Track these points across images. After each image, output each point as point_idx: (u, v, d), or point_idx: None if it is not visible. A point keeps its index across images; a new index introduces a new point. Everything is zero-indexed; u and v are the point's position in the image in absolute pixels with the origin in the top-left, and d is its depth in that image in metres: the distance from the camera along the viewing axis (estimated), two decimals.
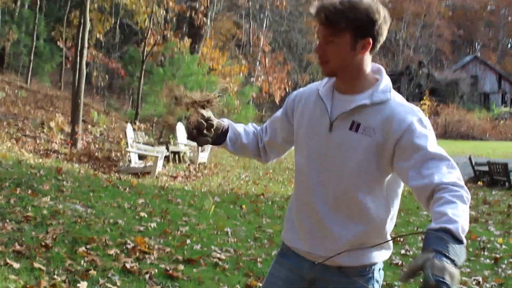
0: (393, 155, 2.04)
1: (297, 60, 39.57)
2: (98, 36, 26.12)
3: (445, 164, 1.94)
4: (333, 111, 2.16)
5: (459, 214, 1.76)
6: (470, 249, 7.10)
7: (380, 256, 2.19)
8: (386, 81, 2.15)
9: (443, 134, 36.97)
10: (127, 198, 8.17)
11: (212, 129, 2.26)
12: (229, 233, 7.00)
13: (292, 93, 2.46)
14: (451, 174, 1.91)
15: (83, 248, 5.26)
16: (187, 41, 20.40)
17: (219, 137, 2.36)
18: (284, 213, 7.30)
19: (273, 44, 36.13)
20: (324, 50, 2.09)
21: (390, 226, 2.19)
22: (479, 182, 13.79)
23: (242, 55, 30.81)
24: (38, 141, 13.29)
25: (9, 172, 8.24)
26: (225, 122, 2.40)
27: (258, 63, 32.61)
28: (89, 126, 16.59)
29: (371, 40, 2.06)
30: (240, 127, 2.46)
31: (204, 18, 20.11)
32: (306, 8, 34.26)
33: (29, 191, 7.20)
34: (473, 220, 8.91)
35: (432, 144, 1.97)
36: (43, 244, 5.22)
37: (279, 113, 2.44)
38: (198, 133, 2.25)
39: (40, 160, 10.69)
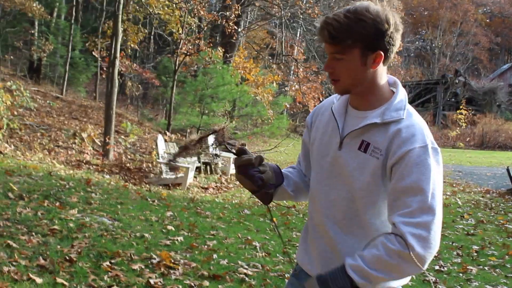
0: (390, 177, 1.93)
1: None
2: (132, 46, 26.34)
3: (419, 206, 1.81)
4: (344, 128, 2.08)
5: (366, 257, 1.83)
6: (508, 265, 6.84)
7: (396, 282, 2.03)
8: (401, 96, 2.03)
9: (480, 144, 36.32)
10: (155, 210, 8.11)
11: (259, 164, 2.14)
12: (258, 247, 6.88)
13: (312, 110, 2.35)
14: (414, 219, 1.80)
15: (108, 263, 5.20)
16: (220, 50, 20.40)
17: (277, 176, 2.23)
18: None
19: (307, 54, 35.94)
20: (333, 68, 1.98)
21: None
22: None
23: (275, 65, 30.69)
24: (70, 152, 13.36)
25: (38, 183, 8.26)
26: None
27: (291, 72, 32.49)
28: (122, 137, 16.64)
29: (382, 53, 1.94)
30: (284, 171, 2.34)
31: (236, 27, 20.06)
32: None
33: (57, 203, 7.19)
34: (511, 234, 8.64)
35: (422, 180, 1.83)
36: (67, 258, 5.17)
37: (304, 134, 2.35)
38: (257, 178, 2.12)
39: (71, 171, 10.73)
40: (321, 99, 33.61)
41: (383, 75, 2.03)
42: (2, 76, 20.87)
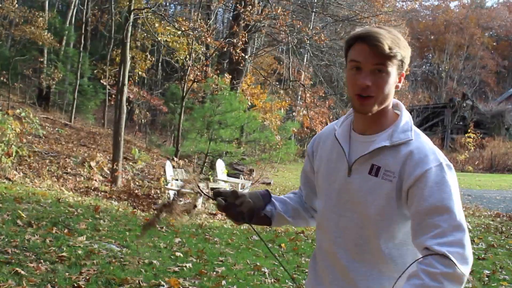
0: (406, 200, 1.92)
1: (338, 94, 39.40)
2: (140, 73, 26.53)
3: (449, 225, 1.80)
4: (351, 154, 2.05)
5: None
6: None
7: None
8: (406, 118, 2.03)
9: (489, 167, 36.12)
10: (164, 237, 8.09)
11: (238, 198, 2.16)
12: (267, 273, 6.84)
13: (312, 139, 2.35)
14: (447, 238, 1.78)
15: None
16: (227, 77, 20.50)
17: (264, 198, 2.25)
18: None
19: (314, 79, 36.06)
20: (372, 81, 1.92)
21: None
22: None
23: (283, 90, 30.80)
24: (78, 179, 13.40)
25: (47, 210, 8.27)
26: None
27: (298, 97, 32.58)
28: (130, 163, 16.68)
29: (404, 74, 2.01)
30: (281, 197, 2.36)
31: (243, 54, 20.17)
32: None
33: (66, 230, 7.18)
34: None
35: (445, 199, 1.83)
36: (76, 285, 5.17)
37: (305, 163, 2.35)
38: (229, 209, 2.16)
39: (80, 198, 10.74)
40: (328, 124, 33.66)
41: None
42: (11, 104, 21.03)
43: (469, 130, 42.36)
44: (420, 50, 64.83)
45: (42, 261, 5.73)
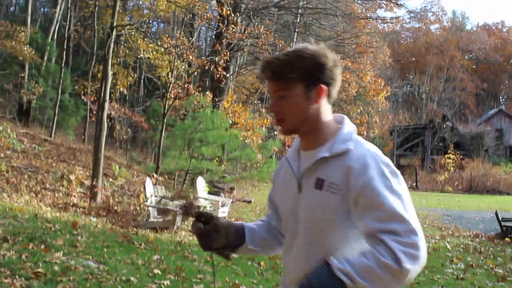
0: (354, 210, 1.92)
1: None
2: (121, 90, 26.47)
3: (403, 229, 1.81)
4: (299, 171, 2.09)
5: (356, 265, 1.79)
6: None
7: None
8: (348, 129, 2.06)
9: (469, 188, 36.32)
10: (142, 254, 8.02)
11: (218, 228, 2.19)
12: None
13: None
14: (403, 238, 1.79)
15: None
16: (209, 95, 20.50)
17: (239, 238, 2.26)
18: None
19: None
20: (279, 106, 2.03)
21: None
22: (506, 238, 13.40)
23: (264, 109, 30.88)
24: (57, 195, 13.26)
25: (23, 226, 8.17)
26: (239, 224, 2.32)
27: None
28: (110, 180, 16.58)
29: (324, 86, 2.01)
30: (252, 225, 2.38)
31: (225, 73, 20.21)
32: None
33: (42, 246, 7.08)
34: (501, 278, 8.59)
35: (394, 205, 1.83)
36: None
37: (271, 189, 2.38)
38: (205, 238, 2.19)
39: (58, 213, 10.61)
40: None
41: (327, 112, 2.07)
42: None
43: (449, 151, 42.73)
44: (401, 72, 65.54)
45: (17, 277, 5.64)
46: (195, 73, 24.42)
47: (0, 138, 12.98)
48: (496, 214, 13.92)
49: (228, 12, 19.22)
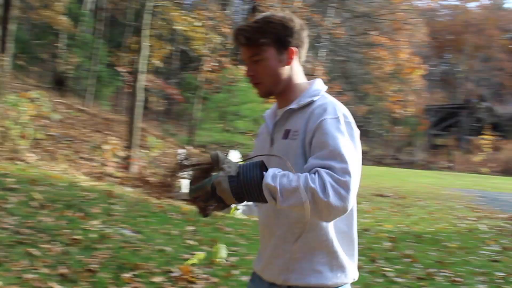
0: (308, 152, 2.02)
1: (354, 91, 39.25)
2: (156, 62, 26.49)
3: (340, 167, 1.85)
4: (272, 126, 2.24)
5: (285, 185, 1.83)
6: None
7: (331, 279, 2.07)
8: (317, 86, 2.20)
9: (505, 170, 35.82)
10: (176, 224, 8.05)
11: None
12: None
13: None
14: (336, 175, 1.83)
15: (128, 275, 5.16)
16: (243, 67, 20.42)
17: None
18: None
19: (330, 74, 35.93)
20: (254, 70, 2.17)
21: (341, 243, 2.10)
22: None
23: None
24: (93, 164, 13.39)
25: (61, 193, 8.26)
26: None
27: None
28: (144, 151, 16.66)
29: (294, 49, 2.16)
30: None
31: None
32: (364, 38, 34.07)
33: (79, 214, 7.17)
34: None
35: (338, 145, 1.90)
36: (88, 268, 5.14)
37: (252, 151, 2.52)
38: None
39: (93, 183, 10.73)
40: None
41: (299, 74, 2.23)
42: (28, 87, 21.08)
43: (485, 132, 42.07)
44: (438, 50, 64.41)
45: (55, 242, 5.71)
46: (230, 46, 24.28)
47: (35, 105, 13.06)
48: None
49: None
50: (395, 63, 35.23)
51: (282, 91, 2.19)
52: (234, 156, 15.20)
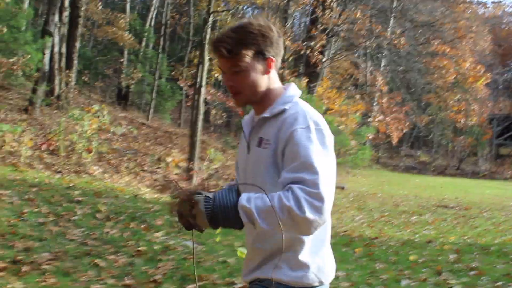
0: (281, 163, 2.02)
1: (415, 101, 38.69)
2: (216, 75, 26.79)
3: (311, 178, 1.85)
4: (248, 134, 2.27)
5: (259, 206, 1.85)
6: None
7: (291, 276, 2.09)
8: (290, 93, 2.20)
9: None
10: (238, 236, 8.09)
11: None
12: (341, 277, 6.72)
13: None
14: (309, 188, 1.84)
15: (192, 286, 5.20)
16: (303, 80, 20.41)
17: None
18: (398, 258, 6.87)
19: (391, 84, 35.52)
20: (233, 81, 2.14)
21: (304, 245, 2.10)
22: None
23: (359, 95, 30.45)
24: (154, 176, 13.61)
25: (125, 206, 8.43)
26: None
27: (375, 103, 32.13)
28: (205, 163, 16.84)
29: (273, 58, 2.15)
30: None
31: (321, 57, 20.05)
32: (425, 48, 33.57)
33: (143, 226, 7.29)
34: None
35: (309, 156, 1.90)
36: (152, 279, 5.21)
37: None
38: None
39: (156, 195, 10.90)
40: (404, 131, 33.08)
41: (275, 79, 2.23)
42: (92, 102, 21.63)
43: None
44: (502, 58, 62.83)
45: (120, 254, 5.82)
46: (290, 59, 24.34)
47: (100, 121, 13.38)
48: None
49: None
50: (457, 72, 34.58)
51: (260, 99, 2.19)
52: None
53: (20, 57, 14.80)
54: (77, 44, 19.53)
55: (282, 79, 20.39)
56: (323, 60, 22.23)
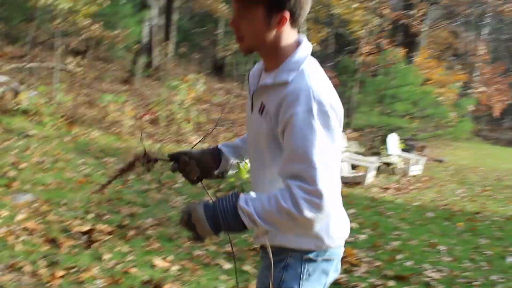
0: (282, 141, 1.90)
1: None
2: (314, 45, 26.62)
3: (307, 173, 1.76)
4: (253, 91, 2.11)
5: (257, 208, 1.79)
6: None
7: (297, 243, 2.02)
8: (300, 55, 1.95)
9: None
10: None
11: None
12: (443, 251, 6.55)
13: None
14: (307, 185, 1.75)
15: None
16: (402, 50, 19.90)
17: (214, 159, 2.35)
18: (503, 234, 6.62)
19: (494, 54, 34.08)
20: (238, 25, 1.95)
21: None
22: None
23: (460, 65, 29.40)
24: None
25: None
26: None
27: (476, 74, 30.95)
28: None
29: (288, 14, 1.88)
30: (231, 142, 2.45)
31: (420, 26, 19.46)
32: None
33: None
34: None
35: (307, 146, 1.77)
36: (253, 247, 5.27)
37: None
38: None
39: None
40: (507, 102, 31.73)
41: (290, 36, 1.96)
42: (189, 73, 22.01)
43: None
44: None
45: None
46: (388, 28, 23.78)
47: (198, 90, 13.58)
48: None
49: None
50: None
51: (266, 53, 1.99)
52: (393, 140, 14.92)
53: (121, 30, 15.23)
54: (175, 16, 19.86)
55: (380, 48, 20.02)
56: (422, 29, 21.55)
